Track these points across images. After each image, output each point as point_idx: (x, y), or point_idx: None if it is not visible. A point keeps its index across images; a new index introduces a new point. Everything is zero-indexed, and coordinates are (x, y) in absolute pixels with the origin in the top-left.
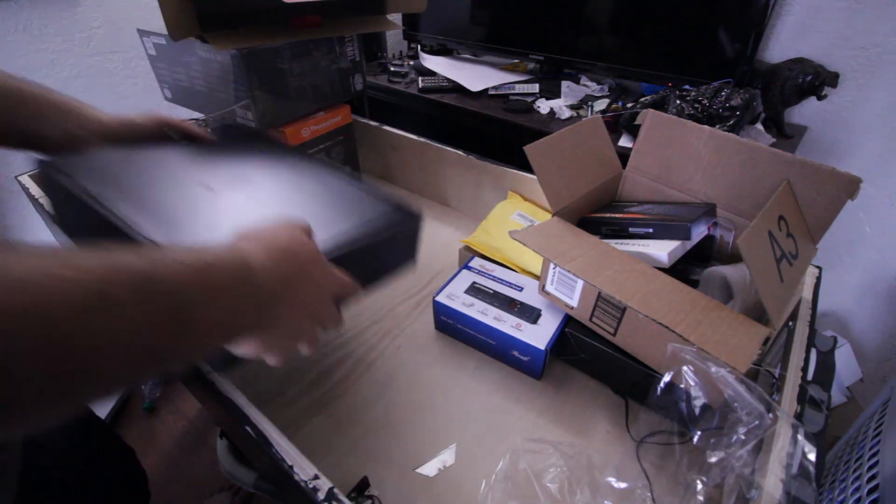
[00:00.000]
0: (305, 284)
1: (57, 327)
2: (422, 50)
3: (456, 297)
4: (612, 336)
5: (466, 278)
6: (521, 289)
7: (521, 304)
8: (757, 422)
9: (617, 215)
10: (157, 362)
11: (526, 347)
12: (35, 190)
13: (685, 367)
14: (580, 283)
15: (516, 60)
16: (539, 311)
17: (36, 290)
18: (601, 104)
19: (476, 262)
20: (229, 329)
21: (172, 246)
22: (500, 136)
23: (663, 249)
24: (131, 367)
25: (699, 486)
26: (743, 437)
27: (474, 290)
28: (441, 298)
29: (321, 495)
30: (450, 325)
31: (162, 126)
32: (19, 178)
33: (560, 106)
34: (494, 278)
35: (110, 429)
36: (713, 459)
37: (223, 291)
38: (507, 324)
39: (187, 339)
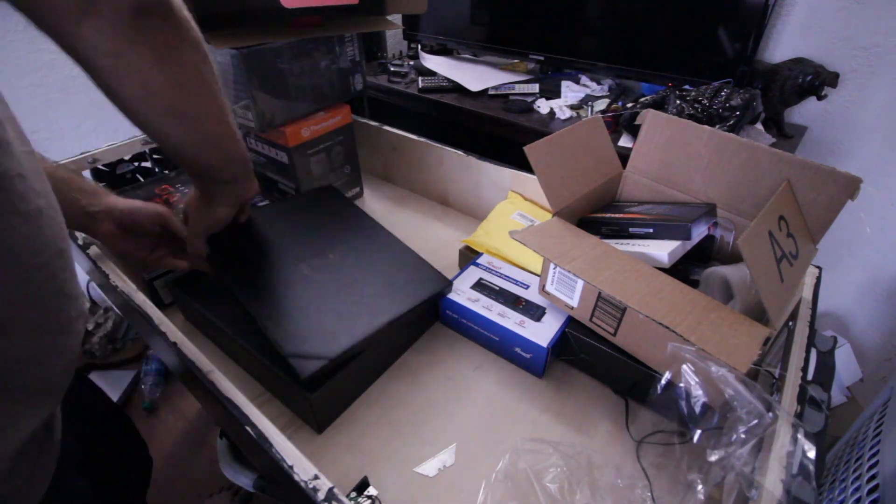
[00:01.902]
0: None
1: None
2: (422, 50)
3: (462, 293)
4: (612, 336)
5: (473, 274)
6: (527, 286)
7: (527, 301)
8: (756, 420)
9: (617, 215)
10: None
11: (528, 344)
12: None
13: (685, 366)
14: (580, 284)
15: (516, 60)
16: (544, 309)
17: None
18: (601, 104)
19: (484, 259)
20: None
21: None
22: (500, 136)
23: (663, 249)
24: None
25: (699, 486)
26: (743, 436)
27: (480, 287)
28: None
29: (321, 495)
30: (454, 319)
31: (160, 225)
32: None
33: (560, 106)
34: (501, 275)
35: (119, 409)
36: (713, 458)
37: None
38: (511, 320)
39: None
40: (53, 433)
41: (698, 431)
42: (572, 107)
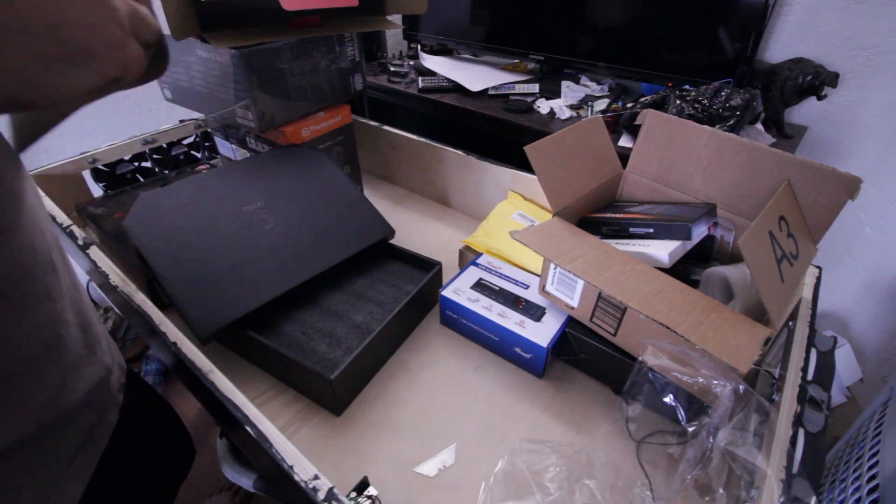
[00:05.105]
0: None
1: None
2: (422, 50)
3: (462, 293)
4: (612, 336)
5: (473, 274)
6: (526, 286)
7: (526, 301)
8: (719, 390)
9: (617, 215)
10: None
11: (528, 344)
12: None
13: (650, 349)
14: (581, 284)
15: (516, 60)
16: (543, 309)
17: None
18: (601, 104)
19: (484, 259)
20: None
21: None
22: (500, 136)
23: (664, 249)
24: None
25: (687, 474)
26: (721, 414)
27: (480, 287)
28: (447, 293)
29: (321, 495)
30: (454, 319)
31: None
32: None
33: (560, 106)
34: (501, 275)
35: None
36: (690, 429)
37: None
38: (510, 320)
39: None
40: (110, 391)
41: (680, 410)
42: (572, 107)
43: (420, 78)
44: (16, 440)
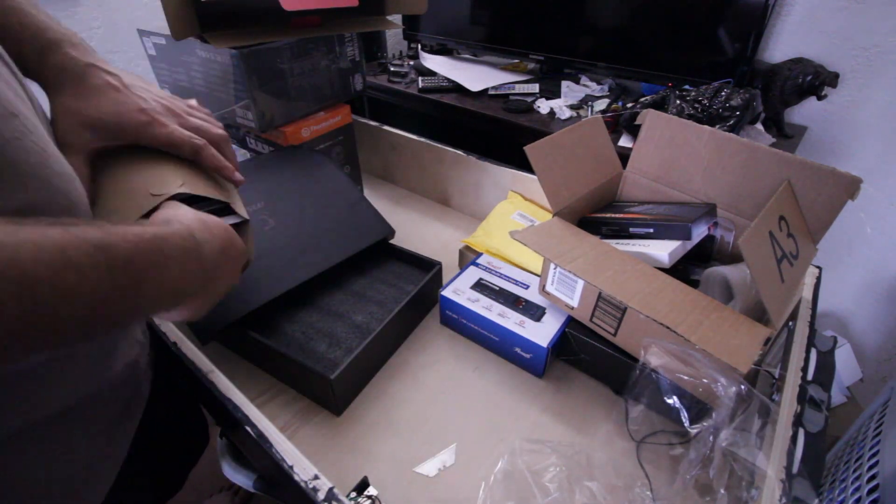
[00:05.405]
0: (231, 252)
1: (25, 281)
2: (422, 50)
3: (462, 293)
4: (612, 336)
5: (473, 274)
6: (526, 286)
7: (526, 301)
8: (724, 392)
9: (617, 215)
10: (112, 320)
11: (528, 344)
12: None
13: (654, 349)
14: (581, 284)
15: (516, 60)
16: (543, 309)
17: (9, 252)
18: (601, 104)
19: (484, 259)
20: (179, 293)
21: (125, 222)
22: (500, 136)
23: (664, 249)
24: (88, 321)
25: (688, 475)
26: (723, 415)
27: (480, 287)
28: (447, 293)
29: (321, 495)
30: (454, 319)
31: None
32: None
33: (560, 106)
34: (501, 275)
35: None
36: (694, 431)
37: (172, 260)
38: (510, 320)
39: (140, 301)
40: (141, 367)
41: (683, 411)
42: (572, 107)
43: (420, 78)
44: (68, 405)
